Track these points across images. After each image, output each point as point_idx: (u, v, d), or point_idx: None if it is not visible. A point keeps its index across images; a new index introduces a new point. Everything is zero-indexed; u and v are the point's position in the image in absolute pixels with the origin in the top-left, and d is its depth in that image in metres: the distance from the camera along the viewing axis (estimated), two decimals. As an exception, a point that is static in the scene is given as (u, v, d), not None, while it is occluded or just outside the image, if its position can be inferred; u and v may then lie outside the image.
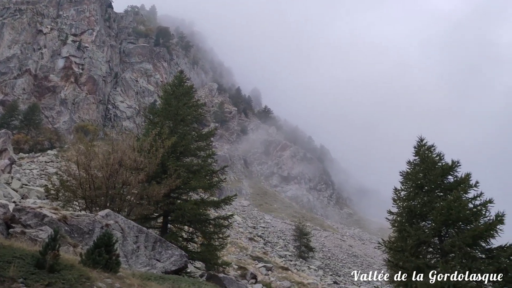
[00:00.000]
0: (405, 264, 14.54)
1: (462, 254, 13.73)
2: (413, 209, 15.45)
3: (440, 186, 15.80)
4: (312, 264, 49.85)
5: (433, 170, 15.82)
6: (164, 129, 19.98)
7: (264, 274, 32.83)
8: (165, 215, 20.31)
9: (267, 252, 47.57)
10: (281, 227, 68.14)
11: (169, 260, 14.14)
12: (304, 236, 54.18)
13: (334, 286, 39.95)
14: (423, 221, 15.64)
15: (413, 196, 15.82)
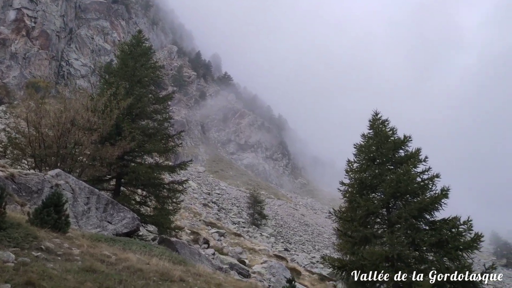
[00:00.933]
0: (353, 233, 15.02)
1: (408, 225, 14.27)
2: (364, 181, 15.86)
3: (391, 159, 16.27)
4: (264, 232, 50.84)
5: (386, 144, 16.24)
6: (120, 89, 19.42)
7: (216, 239, 33.19)
8: (118, 178, 19.99)
9: (221, 219, 48.04)
10: (235, 194, 68.73)
11: (121, 222, 14.00)
12: (258, 204, 54.99)
13: (284, 253, 40.95)
14: (373, 193, 16.11)
15: (365, 168, 16.23)
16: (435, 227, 14.68)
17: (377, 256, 13.04)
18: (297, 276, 27.60)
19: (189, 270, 9.73)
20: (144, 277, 7.69)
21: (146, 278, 7.65)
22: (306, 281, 27.94)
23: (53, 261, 7.29)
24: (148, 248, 11.14)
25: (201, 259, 16.59)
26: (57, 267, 6.93)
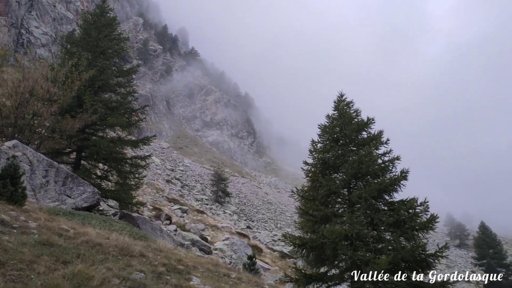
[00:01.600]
0: (314, 212, 15.24)
1: (367, 206, 14.58)
2: (327, 161, 16.06)
3: (354, 141, 16.51)
4: (227, 209, 51.07)
5: (349, 125, 16.45)
6: (82, 60, 18.82)
7: (179, 216, 33.14)
8: (78, 151, 19.53)
9: (184, 195, 47.90)
10: (199, 171, 68.56)
11: (81, 196, 13.74)
12: (222, 182, 55.06)
13: (247, 231, 41.34)
14: (335, 173, 16.35)
15: (329, 148, 16.41)
16: (393, 208, 15.07)
17: (336, 235, 13.29)
18: (258, 254, 27.99)
19: (150, 245, 9.67)
20: (103, 252, 7.59)
21: (105, 253, 7.56)
22: (267, 258, 28.38)
23: (9, 234, 7.09)
24: (108, 223, 11.00)
25: (163, 235, 16.54)
26: (13, 240, 6.75)
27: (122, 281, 6.27)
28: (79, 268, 6.03)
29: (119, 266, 6.97)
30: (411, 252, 13.73)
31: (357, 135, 16.56)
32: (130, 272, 6.78)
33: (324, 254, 14.63)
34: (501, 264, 54.79)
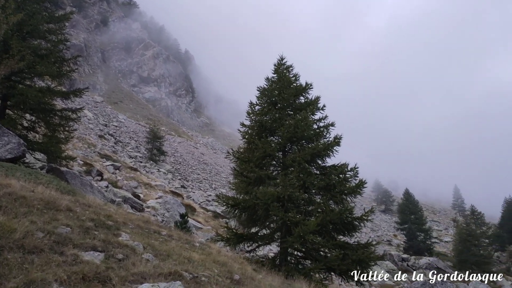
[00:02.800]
0: (249, 174, 15.40)
1: (300, 169, 14.92)
2: (264, 124, 16.17)
3: (291, 105, 16.68)
4: (162, 168, 50.55)
5: (288, 89, 16.56)
6: (10, 3, 17.39)
7: (111, 172, 32.40)
8: (3, 99, 18.32)
9: (117, 152, 46.76)
10: (134, 128, 66.98)
11: (5, 147, 12.99)
12: (158, 140, 54.18)
13: (181, 190, 41.27)
14: (271, 136, 16.52)
15: (266, 111, 16.50)
16: (325, 172, 15.54)
17: (269, 196, 13.56)
18: (191, 213, 28.11)
19: (78, 200, 9.36)
20: (28, 205, 7.25)
21: (30, 206, 7.23)
22: (200, 218, 28.59)
23: None
24: (34, 176, 10.51)
25: (93, 191, 16.11)
26: None
27: (47, 234, 6.04)
28: (0, 220, 5.74)
29: (44, 219, 6.70)
30: (339, 215, 14.30)
31: (294, 99, 16.74)
32: (55, 226, 6.54)
33: (256, 215, 14.93)
34: (421, 228, 58.67)
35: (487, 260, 48.00)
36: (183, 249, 9.35)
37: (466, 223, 54.00)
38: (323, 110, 16.35)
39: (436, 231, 76.93)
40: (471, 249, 46.90)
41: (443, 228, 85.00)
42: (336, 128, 16.24)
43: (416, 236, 56.93)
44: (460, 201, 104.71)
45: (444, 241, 71.50)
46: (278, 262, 14.61)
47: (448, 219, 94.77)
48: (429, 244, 57.99)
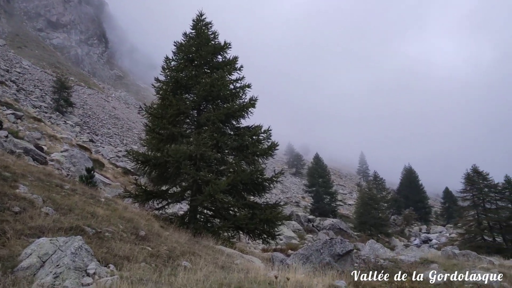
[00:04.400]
0: (161, 131, 15.06)
1: (214, 129, 14.86)
2: (180, 80, 15.78)
3: (209, 63, 16.40)
4: (69, 120, 47.97)
5: (206, 47, 16.22)
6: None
7: (12, 121, 30.12)
8: None
9: (20, 100, 43.51)
10: (40, 76, 62.51)
11: None
12: (65, 90, 51.07)
13: (89, 144, 39.58)
14: (186, 93, 16.21)
15: (182, 68, 16.09)
16: (239, 133, 15.64)
17: (181, 154, 13.39)
18: (100, 168, 27.14)
19: (-30, 150, 8.59)
20: None
21: None
22: (109, 174, 27.70)
23: None
24: None
25: (-11, 140, 14.90)
26: None
27: None
28: None
29: None
30: (250, 176, 14.55)
31: (212, 57, 16.47)
32: None
33: (167, 172, 14.75)
34: (327, 192, 61.68)
35: (384, 222, 51.75)
36: (87, 204, 9.01)
37: (368, 188, 57.48)
38: (241, 70, 16.28)
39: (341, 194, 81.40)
40: (371, 212, 50.23)
41: (347, 192, 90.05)
42: (252, 89, 16.30)
43: (323, 199, 59.84)
44: (365, 167, 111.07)
45: (347, 204, 75.91)
46: (187, 220, 14.64)
47: (353, 183, 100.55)
48: (334, 206, 61.27)
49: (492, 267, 14.75)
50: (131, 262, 6.64)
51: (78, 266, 5.72)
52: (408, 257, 17.44)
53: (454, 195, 64.92)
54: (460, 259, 17.29)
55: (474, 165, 44.19)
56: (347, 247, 14.39)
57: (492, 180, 42.64)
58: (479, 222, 41.54)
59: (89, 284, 5.45)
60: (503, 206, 42.02)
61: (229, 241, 14.33)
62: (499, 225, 40.56)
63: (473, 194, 42.60)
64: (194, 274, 6.01)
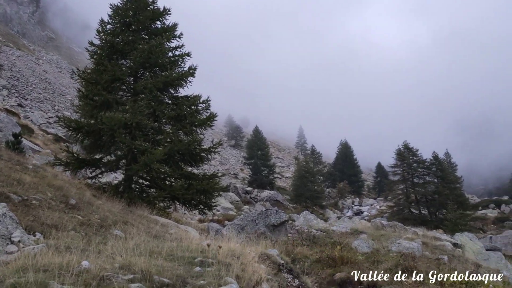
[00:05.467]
0: (95, 97, 14.49)
1: (152, 97, 14.50)
2: (116, 45, 15.17)
3: (147, 28, 15.87)
4: (-4, 82, 45.10)
5: (144, 12, 15.64)
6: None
7: None
8: None
9: None
10: (-37, 34, 57.96)
11: None
12: (-8, 51, 47.80)
13: (17, 109, 37.51)
14: (122, 59, 15.63)
15: (119, 32, 15.45)
16: (177, 102, 15.36)
17: (116, 122, 12.97)
18: (28, 134, 25.87)
19: None
20: None
21: None
22: (38, 140, 26.48)
23: None
24: None
25: None
26: None
27: None
28: None
29: None
30: (188, 146, 14.41)
31: (150, 23, 15.94)
32: None
33: (100, 140, 14.29)
34: (266, 164, 62.49)
35: (320, 195, 53.35)
36: (13, 171, 8.59)
37: (305, 161, 58.78)
38: (180, 38, 15.90)
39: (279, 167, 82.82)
40: (307, 185, 51.56)
41: (285, 164, 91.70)
42: (192, 58, 16.00)
43: (261, 171, 60.61)
44: (303, 141, 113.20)
45: (285, 176, 77.40)
46: (121, 189, 14.32)
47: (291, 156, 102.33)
48: (272, 179, 62.32)
49: (416, 237, 15.64)
50: (59, 230, 6.43)
51: (1, 233, 5.51)
52: (340, 227, 18.12)
53: (386, 169, 67.77)
54: (388, 230, 18.18)
55: (405, 142, 46.27)
56: (282, 218, 14.74)
57: (421, 156, 44.97)
58: (407, 195, 43.89)
59: (13, 252, 5.27)
60: (430, 181, 44.62)
61: (164, 211, 14.22)
62: (425, 199, 43.11)
63: (403, 169, 44.81)
64: (125, 243, 5.91)
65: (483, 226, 44.94)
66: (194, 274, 5.00)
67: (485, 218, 50.05)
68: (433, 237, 17.28)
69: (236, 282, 4.91)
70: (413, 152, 44.81)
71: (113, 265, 4.70)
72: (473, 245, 19.15)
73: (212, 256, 5.88)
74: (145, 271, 4.51)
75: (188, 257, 5.75)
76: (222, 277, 4.97)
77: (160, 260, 5.24)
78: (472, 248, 18.61)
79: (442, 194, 41.08)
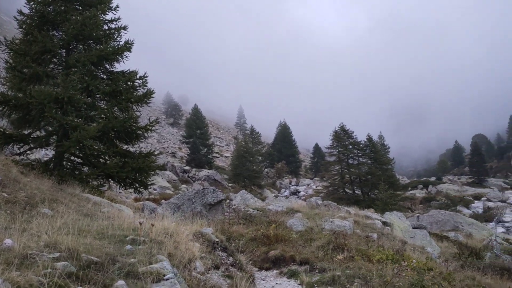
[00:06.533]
0: (24, 69, 13.69)
1: (85, 71, 13.91)
2: (47, 15, 14.33)
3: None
4: None
5: (81, -19, 14.88)
6: None
7: None
8: None
9: None
10: None
11: None
12: None
13: None
14: (54, 30, 14.83)
15: (50, 1, 14.57)
16: (112, 78, 14.85)
17: (45, 96, 12.32)
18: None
19: None
20: None
21: None
22: (-40, 114, 24.71)
23: None
24: None
25: None
26: None
27: None
28: None
29: None
30: (123, 123, 14.02)
31: (84, -7, 15.17)
32: None
33: (29, 115, 13.57)
34: (204, 143, 62.22)
35: (258, 174, 54.04)
36: None
37: (244, 141, 59.11)
38: (116, 11, 15.30)
39: (218, 146, 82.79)
40: (246, 165, 51.99)
41: (225, 144, 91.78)
42: (131, 34, 15.48)
43: (199, 150, 60.29)
44: (243, 121, 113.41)
45: (224, 156, 77.55)
46: (52, 166, 13.73)
47: (230, 136, 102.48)
48: (210, 158, 62.22)
49: (348, 216, 16.26)
50: (-19, 209, 6.09)
51: None
52: (276, 207, 18.46)
53: (322, 151, 69.57)
54: (322, 209, 18.76)
55: (342, 124, 47.62)
56: (219, 197, 14.81)
57: (356, 138, 46.54)
58: (342, 176, 45.41)
59: None
60: (364, 162, 46.40)
61: (98, 190, 13.81)
62: (358, 179, 44.80)
63: (339, 151, 46.22)
64: (52, 221, 5.70)
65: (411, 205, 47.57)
66: (125, 252, 4.92)
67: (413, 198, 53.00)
68: (364, 216, 18.06)
69: (168, 260, 4.89)
70: (348, 134, 46.26)
71: (38, 244, 4.53)
72: (401, 224, 20.22)
73: (144, 234, 5.81)
74: (73, 249, 4.39)
75: (119, 236, 5.65)
76: (153, 255, 4.94)
77: (89, 239, 5.12)
78: (400, 226, 19.64)
79: (374, 175, 42.87)
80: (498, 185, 64.96)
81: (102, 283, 3.88)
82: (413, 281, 7.39)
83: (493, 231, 29.69)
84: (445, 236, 24.49)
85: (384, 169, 45.94)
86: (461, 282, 9.42)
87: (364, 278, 7.91)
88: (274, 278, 8.99)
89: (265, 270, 9.65)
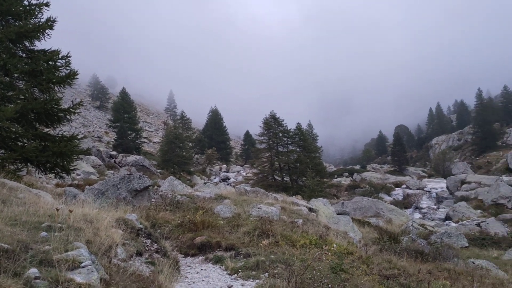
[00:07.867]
0: None
1: (3, 48, 13.08)
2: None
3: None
4: None
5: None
6: None
7: None
8: None
9: None
10: None
11: None
12: None
13: None
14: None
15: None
16: (32, 56, 14.07)
17: (-44, 73, 11.46)
18: None
19: None
20: None
21: None
22: None
23: None
24: None
25: None
26: None
27: None
28: None
29: None
30: (44, 105, 13.36)
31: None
32: None
33: None
34: (132, 128, 60.54)
35: (188, 161, 53.57)
36: None
37: (174, 127, 58.28)
38: (38, -13, 14.42)
39: (147, 131, 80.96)
40: (176, 151, 51.35)
41: (154, 129, 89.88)
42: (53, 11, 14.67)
43: (127, 135, 58.61)
44: (173, 106, 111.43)
45: (153, 141, 75.98)
46: (-38, 149, 12.82)
47: (160, 121, 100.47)
48: (139, 143, 60.74)
49: (276, 203, 16.58)
50: None
51: None
52: (205, 193, 18.45)
53: (253, 138, 70.16)
54: (250, 196, 18.98)
55: (272, 111, 48.22)
56: (145, 183, 14.52)
57: (286, 126, 47.39)
58: (271, 163, 46.14)
59: None
60: (293, 150, 47.40)
61: (15, 174, 13.08)
62: (287, 167, 45.75)
63: (269, 138, 46.83)
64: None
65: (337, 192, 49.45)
66: (39, 240, 4.72)
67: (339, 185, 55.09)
68: (291, 203, 18.49)
69: (85, 246, 4.75)
70: (279, 122, 46.98)
71: None
72: (326, 210, 20.94)
73: (62, 221, 5.60)
74: (-20, 236, 4.14)
75: (34, 222, 5.41)
76: (70, 242, 4.77)
77: (0, 225, 4.84)
78: (325, 212, 20.34)
79: (303, 162, 43.98)
80: (416, 174, 68.96)
81: (13, 271, 3.70)
82: (333, 264, 7.69)
83: (410, 217, 31.68)
84: (367, 222, 25.76)
85: (312, 157, 47.20)
86: (379, 265, 9.97)
87: (287, 262, 8.12)
88: (199, 264, 9.00)
89: (190, 256, 9.63)
